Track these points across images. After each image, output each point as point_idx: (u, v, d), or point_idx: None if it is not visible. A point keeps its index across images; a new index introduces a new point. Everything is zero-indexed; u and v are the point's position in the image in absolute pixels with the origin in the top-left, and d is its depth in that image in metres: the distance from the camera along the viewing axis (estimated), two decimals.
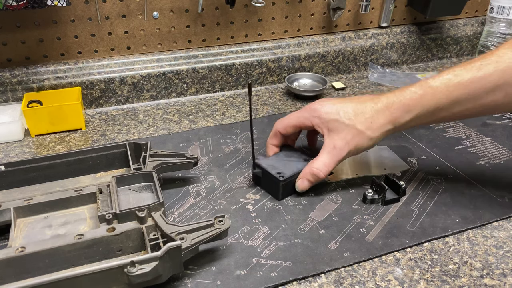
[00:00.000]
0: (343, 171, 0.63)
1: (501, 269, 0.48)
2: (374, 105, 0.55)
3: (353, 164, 0.65)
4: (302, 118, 0.58)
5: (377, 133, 0.54)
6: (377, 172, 0.63)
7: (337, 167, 0.63)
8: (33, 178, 0.56)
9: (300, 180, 0.57)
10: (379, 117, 0.54)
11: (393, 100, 0.54)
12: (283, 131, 0.60)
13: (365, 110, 0.55)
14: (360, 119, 0.54)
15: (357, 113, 0.55)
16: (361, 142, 0.55)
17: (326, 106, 0.56)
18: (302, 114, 0.58)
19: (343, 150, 0.55)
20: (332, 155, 0.55)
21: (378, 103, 0.55)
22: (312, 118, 0.57)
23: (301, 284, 0.46)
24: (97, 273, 0.39)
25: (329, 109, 0.55)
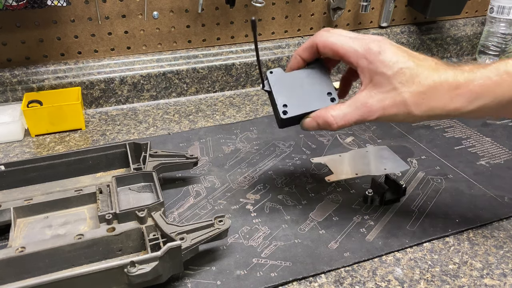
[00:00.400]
0: (343, 171, 0.63)
1: (501, 269, 0.48)
2: (437, 77, 0.43)
3: (353, 164, 0.65)
4: (351, 49, 0.45)
5: (423, 113, 0.44)
6: (377, 172, 0.63)
7: (337, 167, 0.63)
8: (33, 178, 0.56)
9: (309, 119, 0.47)
10: (435, 98, 0.43)
11: (459, 81, 0.43)
12: (322, 48, 0.47)
13: (423, 80, 0.43)
14: (413, 88, 0.43)
15: (413, 78, 0.43)
16: (399, 114, 0.44)
17: (386, 52, 0.44)
18: (354, 45, 0.45)
19: (373, 113, 0.45)
20: (358, 112, 0.45)
21: (442, 76, 0.43)
22: (362, 57, 0.45)
23: (301, 284, 0.46)
24: (97, 273, 0.39)
25: (388, 58, 0.43)
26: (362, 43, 0.45)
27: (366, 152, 0.68)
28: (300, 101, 0.46)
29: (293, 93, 0.47)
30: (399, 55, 0.44)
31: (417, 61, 0.44)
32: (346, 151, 0.69)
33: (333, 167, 0.64)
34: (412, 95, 0.43)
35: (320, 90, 0.47)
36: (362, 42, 0.45)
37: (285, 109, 0.46)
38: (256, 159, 0.66)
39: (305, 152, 0.68)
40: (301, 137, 0.72)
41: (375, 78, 0.44)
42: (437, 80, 0.43)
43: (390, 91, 0.44)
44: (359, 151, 0.68)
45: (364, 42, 0.45)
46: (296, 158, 0.67)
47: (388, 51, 0.44)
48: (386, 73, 0.43)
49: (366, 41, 0.45)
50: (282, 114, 0.46)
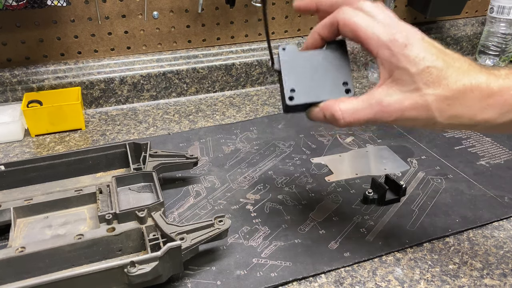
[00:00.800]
0: (343, 171, 0.63)
1: (501, 269, 0.48)
2: (467, 81, 0.37)
3: (353, 164, 0.65)
4: (373, 36, 0.38)
5: (447, 121, 0.38)
6: (377, 172, 0.63)
7: (337, 167, 0.63)
8: (33, 178, 0.56)
9: (316, 110, 0.42)
10: (463, 105, 0.38)
11: (493, 88, 0.37)
12: (342, 27, 0.40)
13: (452, 83, 0.37)
14: (439, 91, 0.37)
15: (440, 80, 0.37)
16: (419, 119, 0.39)
17: (413, 46, 0.38)
18: (379, 31, 0.38)
19: (390, 114, 0.39)
20: (372, 110, 0.39)
21: (473, 80, 0.37)
22: (384, 47, 0.38)
23: (301, 284, 0.46)
24: (97, 273, 0.39)
25: (414, 53, 0.38)
26: (388, 31, 0.38)
27: (366, 152, 0.68)
28: (311, 87, 0.41)
29: (304, 76, 0.41)
30: (428, 51, 0.38)
31: (448, 60, 0.38)
32: (346, 151, 0.69)
33: (333, 167, 0.64)
34: (437, 98, 0.37)
35: (336, 77, 0.41)
36: (389, 29, 0.38)
37: (292, 94, 0.41)
38: (256, 159, 0.66)
39: (305, 152, 0.68)
40: (301, 137, 0.72)
41: (396, 74, 0.38)
42: (467, 85, 0.37)
43: (412, 91, 0.38)
44: (359, 151, 0.68)
45: (391, 30, 0.38)
46: (296, 158, 0.67)
47: (417, 45, 0.38)
48: (410, 69, 0.37)
49: (394, 30, 0.38)
50: (288, 100, 0.41)
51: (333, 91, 0.41)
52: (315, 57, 0.42)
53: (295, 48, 0.42)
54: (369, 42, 0.39)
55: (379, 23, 0.39)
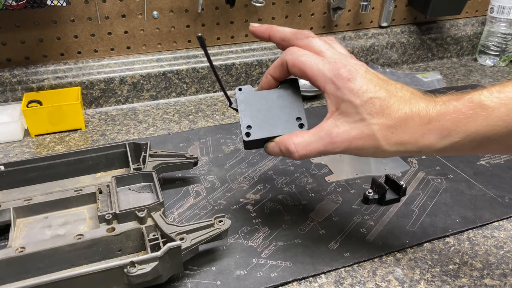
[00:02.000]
0: (343, 171, 0.63)
1: (502, 269, 0.48)
2: (408, 109, 0.39)
3: (353, 164, 0.65)
4: (319, 72, 0.41)
5: (392, 148, 0.40)
6: (377, 172, 0.63)
7: (337, 167, 0.63)
8: (33, 178, 0.56)
9: (272, 144, 0.44)
10: (406, 132, 0.39)
11: (431, 115, 0.38)
12: (291, 67, 0.43)
13: (394, 112, 0.39)
14: (383, 120, 0.39)
15: (383, 110, 0.39)
16: (367, 148, 0.41)
17: (356, 79, 0.40)
18: (324, 67, 0.41)
19: (338, 144, 0.41)
20: (322, 142, 0.41)
21: (413, 108, 0.39)
22: (329, 82, 0.41)
23: (301, 284, 0.46)
24: (97, 273, 0.39)
25: (357, 85, 0.40)
26: (332, 67, 0.41)
27: None
28: (266, 124, 0.44)
29: (260, 114, 0.44)
30: (371, 82, 0.40)
31: (391, 90, 0.40)
32: None
33: (333, 167, 0.64)
34: (381, 127, 0.39)
35: (289, 113, 0.44)
36: (333, 65, 0.41)
37: (249, 130, 0.44)
38: (256, 159, 0.66)
39: None
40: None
41: (342, 106, 0.40)
42: (408, 112, 0.39)
43: (357, 122, 0.40)
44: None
45: (335, 66, 0.40)
46: None
47: (360, 78, 0.40)
48: (354, 101, 0.39)
49: (338, 65, 0.40)
50: (245, 135, 0.43)
51: (287, 126, 0.44)
52: (270, 96, 0.45)
53: (251, 89, 0.45)
54: (316, 79, 0.41)
55: (324, 59, 0.41)
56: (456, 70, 1.01)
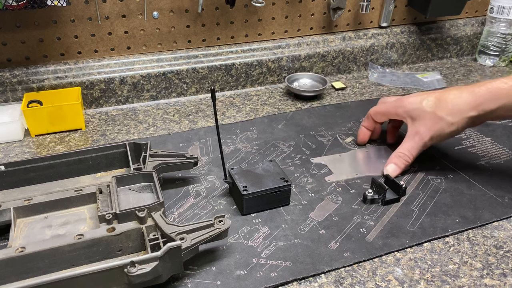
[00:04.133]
0: (343, 171, 0.63)
1: (501, 269, 0.48)
2: (458, 93, 0.57)
3: (353, 164, 0.65)
4: (390, 107, 0.63)
5: (458, 118, 0.56)
6: (377, 172, 0.63)
7: (337, 167, 0.63)
8: (33, 178, 0.56)
9: (389, 165, 0.61)
10: (462, 103, 0.56)
11: (479, 88, 0.56)
12: (374, 116, 0.66)
13: (447, 98, 0.57)
14: (442, 106, 0.57)
15: (439, 101, 0.57)
16: (442, 128, 0.57)
17: (411, 97, 0.60)
18: (391, 105, 0.63)
19: (424, 135, 0.58)
20: (415, 141, 0.59)
21: (463, 91, 0.57)
22: (397, 108, 0.61)
23: (301, 284, 0.46)
24: (97, 273, 0.39)
25: (413, 100, 0.60)
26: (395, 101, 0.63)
27: (366, 152, 0.68)
28: (257, 183, 0.55)
29: (251, 179, 0.56)
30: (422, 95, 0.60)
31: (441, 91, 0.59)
32: (346, 151, 0.69)
33: (333, 167, 0.64)
34: (443, 109, 0.57)
35: (274, 175, 0.56)
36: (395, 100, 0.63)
37: (245, 189, 0.54)
38: (256, 159, 0.66)
39: (305, 152, 0.68)
40: (301, 137, 0.72)
41: (413, 114, 0.60)
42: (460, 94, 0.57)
43: (426, 116, 0.58)
44: (359, 151, 0.68)
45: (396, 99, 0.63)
46: (296, 158, 0.67)
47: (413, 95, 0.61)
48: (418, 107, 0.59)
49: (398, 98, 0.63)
50: (242, 192, 0.53)
51: (275, 182, 0.55)
52: (256, 169, 0.58)
53: (241, 168, 0.58)
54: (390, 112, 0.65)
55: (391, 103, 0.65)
56: (456, 70, 1.01)
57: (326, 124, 0.76)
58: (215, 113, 0.51)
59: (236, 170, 0.57)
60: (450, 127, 0.57)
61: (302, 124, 0.76)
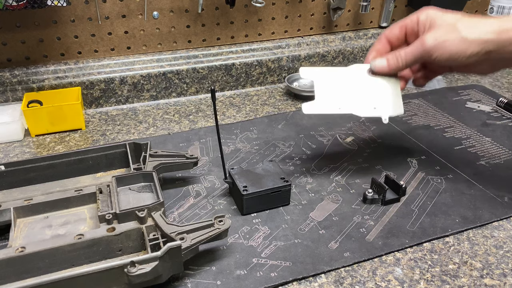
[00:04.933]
0: (326, 99, 0.56)
1: (501, 269, 0.48)
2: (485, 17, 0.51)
3: (342, 92, 0.57)
4: (409, 16, 0.55)
5: (474, 35, 0.49)
6: (363, 111, 0.57)
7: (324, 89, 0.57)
8: (33, 178, 0.56)
9: (379, 59, 0.55)
10: (485, 23, 0.49)
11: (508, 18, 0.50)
12: (388, 32, 0.57)
13: (473, 17, 0.51)
14: (463, 20, 0.50)
15: (463, 16, 0.51)
16: (451, 40, 0.50)
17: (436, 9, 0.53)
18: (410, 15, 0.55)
19: (428, 41, 0.51)
20: (415, 46, 0.52)
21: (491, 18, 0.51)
22: (419, 13, 0.54)
23: (301, 284, 0.46)
24: (97, 273, 0.39)
25: (439, 11, 0.52)
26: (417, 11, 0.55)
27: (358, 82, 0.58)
28: (257, 183, 0.55)
29: (250, 179, 0.55)
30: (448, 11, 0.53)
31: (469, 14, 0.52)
32: (346, 150, 0.68)
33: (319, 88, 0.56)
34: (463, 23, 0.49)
35: (274, 175, 0.56)
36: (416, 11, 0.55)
37: (245, 189, 0.54)
38: (256, 159, 0.66)
39: (305, 152, 0.68)
40: (301, 137, 0.72)
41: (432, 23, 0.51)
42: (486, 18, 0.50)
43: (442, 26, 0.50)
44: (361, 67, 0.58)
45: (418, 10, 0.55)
46: (296, 158, 0.67)
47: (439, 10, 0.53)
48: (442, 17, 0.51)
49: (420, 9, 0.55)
50: (242, 192, 0.53)
51: (275, 182, 0.55)
52: (256, 169, 0.57)
53: (241, 168, 0.57)
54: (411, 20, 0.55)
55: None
56: None
57: (326, 124, 0.76)
58: (215, 113, 0.51)
59: (236, 170, 0.57)
60: (461, 42, 0.49)
61: (302, 124, 0.76)
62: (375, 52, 0.58)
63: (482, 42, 0.49)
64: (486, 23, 0.49)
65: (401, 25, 0.56)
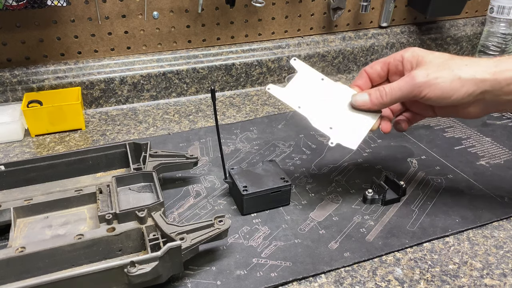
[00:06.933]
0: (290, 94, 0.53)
1: (501, 269, 0.48)
2: (476, 58, 0.48)
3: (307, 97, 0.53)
4: (393, 55, 0.51)
5: (469, 74, 0.45)
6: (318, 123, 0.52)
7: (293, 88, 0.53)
8: (33, 178, 0.56)
9: (360, 93, 0.51)
10: (479, 63, 0.46)
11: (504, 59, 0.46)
12: (369, 68, 0.53)
13: (464, 58, 0.47)
14: (455, 59, 0.47)
15: (453, 57, 0.47)
16: (444, 77, 0.45)
17: (422, 49, 0.50)
18: (393, 53, 0.52)
19: (418, 77, 0.46)
20: (404, 81, 0.47)
21: (483, 58, 0.47)
22: (404, 51, 0.50)
23: (301, 284, 0.46)
24: (97, 273, 0.39)
25: (426, 50, 0.49)
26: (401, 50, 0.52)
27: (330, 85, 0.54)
28: (257, 183, 0.55)
29: (250, 179, 0.55)
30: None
31: None
32: (346, 150, 0.68)
33: (296, 82, 0.53)
34: (455, 62, 0.46)
35: (274, 175, 0.56)
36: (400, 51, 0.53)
37: (245, 189, 0.54)
38: (256, 159, 0.66)
39: (305, 152, 0.68)
40: (301, 137, 0.72)
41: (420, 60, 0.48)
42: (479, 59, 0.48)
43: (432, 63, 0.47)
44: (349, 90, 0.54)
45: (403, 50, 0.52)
46: (296, 158, 0.67)
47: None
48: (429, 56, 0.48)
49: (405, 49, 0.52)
50: (242, 192, 0.53)
51: (275, 182, 0.55)
52: (256, 169, 0.58)
53: (241, 168, 0.58)
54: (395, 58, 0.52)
55: None
56: None
57: None
58: (215, 113, 0.51)
59: (236, 170, 0.57)
60: (454, 81, 0.45)
61: (302, 124, 0.76)
62: (357, 88, 0.54)
63: (478, 81, 0.45)
64: (480, 62, 0.46)
65: (383, 62, 0.52)
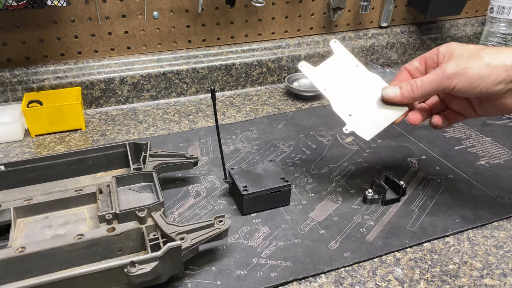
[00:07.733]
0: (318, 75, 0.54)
1: (501, 269, 0.48)
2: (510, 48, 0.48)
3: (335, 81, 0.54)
4: (430, 50, 0.51)
5: (498, 61, 0.45)
6: (338, 108, 0.53)
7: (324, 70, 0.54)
8: (33, 178, 0.56)
9: (391, 87, 0.51)
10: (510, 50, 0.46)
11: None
12: (408, 65, 0.53)
13: (499, 47, 0.48)
14: (487, 49, 0.47)
15: (486, 47, 0.48)
16: (473, 66, 0.46)
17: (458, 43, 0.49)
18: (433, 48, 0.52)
19: (448, 69, 0.46)
20: (434, 74, 0.48)
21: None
22: (441, 46, 0.50)
23: (301, 284, 0.46)
24: (97, 273, 0.39)
25: (461, 44, 0.49)
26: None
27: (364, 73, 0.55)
28: (257, 183, 0.55)
29: (250, 179, 0.56)
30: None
31: None
32: (346, 150, 0.69)
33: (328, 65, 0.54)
34: (486, 51, 0.46)
35: (274, 175, 0.56)
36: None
37: (245, 189, 0.54)
38: (256, 159, 0.66)
39: (305, 152, 0.68)
40: (301, 137, 0.72)
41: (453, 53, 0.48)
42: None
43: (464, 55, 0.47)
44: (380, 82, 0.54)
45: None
46: (296, 158, 0.67)
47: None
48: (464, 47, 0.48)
49: None
50: (242, 192, 0.53)
51: (275, 182, 0.55)
52: (256, 169, 0.58)
53: (241, 168, 0.58)
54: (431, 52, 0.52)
55: None
56: None
57: (326, 124, 0.76)
58: (215, 113, 0.51)
59: (236, 170, 0.57)
60: (483, 68, 0.45)
61: (302, 124, 0.76)
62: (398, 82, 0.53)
63: (509, 67, 0.45)
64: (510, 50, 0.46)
65: (421, 57, 0.53)
